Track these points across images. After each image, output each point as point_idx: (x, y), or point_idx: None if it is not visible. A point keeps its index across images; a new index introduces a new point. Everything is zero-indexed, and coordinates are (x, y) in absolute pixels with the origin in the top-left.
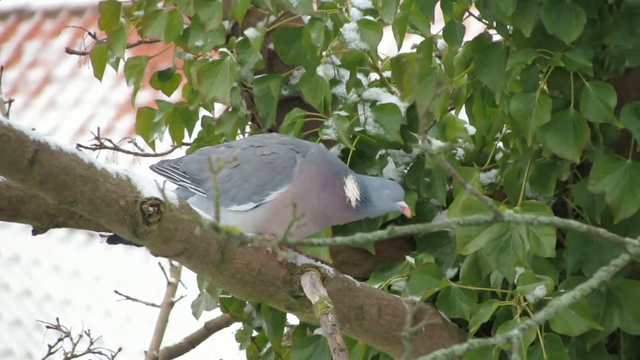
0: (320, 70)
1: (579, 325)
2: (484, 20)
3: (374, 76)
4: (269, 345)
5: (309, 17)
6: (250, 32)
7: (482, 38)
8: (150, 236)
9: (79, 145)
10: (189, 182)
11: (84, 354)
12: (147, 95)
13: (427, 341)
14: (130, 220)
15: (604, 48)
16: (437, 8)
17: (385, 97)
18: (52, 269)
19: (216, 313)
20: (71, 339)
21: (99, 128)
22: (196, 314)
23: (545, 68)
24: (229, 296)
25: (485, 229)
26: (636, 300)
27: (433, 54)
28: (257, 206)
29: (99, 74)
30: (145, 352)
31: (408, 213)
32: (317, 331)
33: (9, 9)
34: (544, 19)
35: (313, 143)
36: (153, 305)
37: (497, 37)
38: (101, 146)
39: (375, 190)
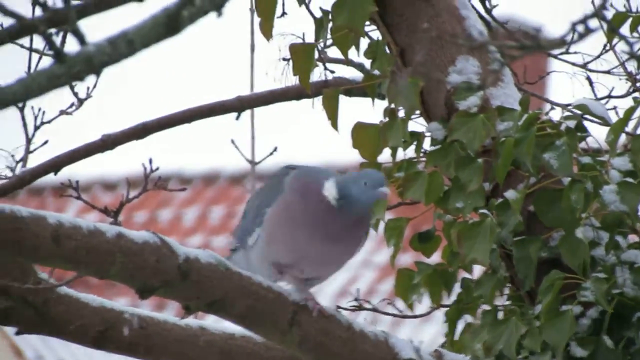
0: (579, 232)
1: None
2: None
3: (633, 238)
4: None
5: (569, 178)
6: (510, 194)
7: None
8: None
9: (338, 307)
10: None
11: None
12: (407, 257)
13: None
14: None
15: None
16: None
17: None
18: None
19: None
20: None
21: (358, 289)
22: None
23: None
24: None
25: None
26: None
27: None
28: (259, 234)
29: None
30: None
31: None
32: None
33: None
34: None
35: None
36: None
37: None
38: (360, 308)
39: (354, 183)
